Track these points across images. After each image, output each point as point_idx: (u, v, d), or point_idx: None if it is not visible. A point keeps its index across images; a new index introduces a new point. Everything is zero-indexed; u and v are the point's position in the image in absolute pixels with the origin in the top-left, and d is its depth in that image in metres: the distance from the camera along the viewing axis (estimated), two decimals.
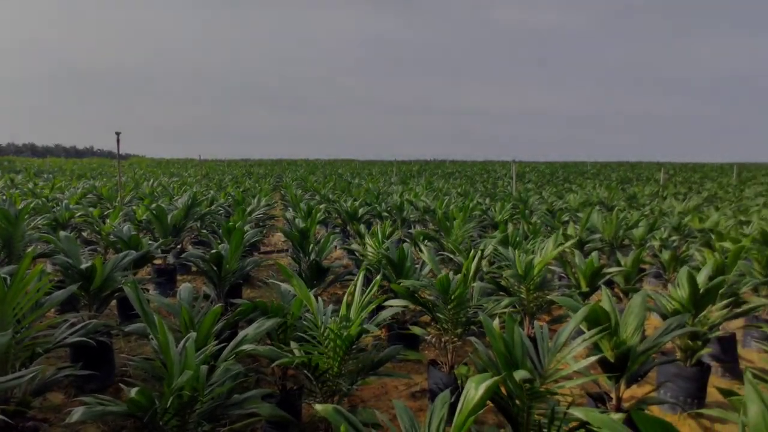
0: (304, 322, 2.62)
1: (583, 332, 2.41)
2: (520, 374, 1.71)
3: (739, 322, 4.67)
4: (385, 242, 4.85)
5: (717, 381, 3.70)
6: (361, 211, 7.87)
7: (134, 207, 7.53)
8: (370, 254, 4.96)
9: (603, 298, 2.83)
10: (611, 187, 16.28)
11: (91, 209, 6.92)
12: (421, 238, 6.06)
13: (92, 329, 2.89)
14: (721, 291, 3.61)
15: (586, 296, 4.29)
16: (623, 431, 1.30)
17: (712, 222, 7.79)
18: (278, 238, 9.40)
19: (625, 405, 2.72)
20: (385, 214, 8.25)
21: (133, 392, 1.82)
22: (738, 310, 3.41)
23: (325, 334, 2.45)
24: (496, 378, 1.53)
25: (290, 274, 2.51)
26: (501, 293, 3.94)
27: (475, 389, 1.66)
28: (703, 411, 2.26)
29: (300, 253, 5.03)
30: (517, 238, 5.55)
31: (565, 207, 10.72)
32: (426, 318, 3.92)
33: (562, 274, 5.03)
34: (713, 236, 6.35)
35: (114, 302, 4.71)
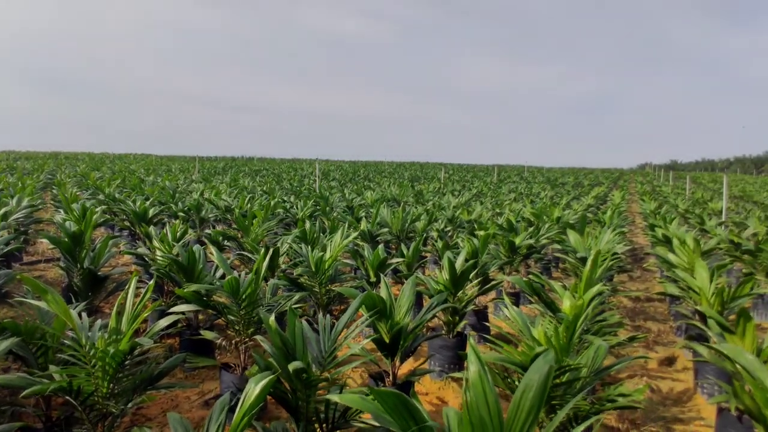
0: (67, 342, 2.28)
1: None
2: (293, 366, 1.76)
3: (492, 295, 5.59)
4: (175, 245, 4.50)
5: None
6: (152, 211, 7.15)
7: None
8: (160, 259, 4.56)
9: (381, 285, 3.10)
10: (403, 185, 17.88)
11: None
12: (220, 238, 5.80)
13: None
14: (475, 271, 4.27)
15: (374, 285, 4.64)
16: (367, 405, 1.44)
17: (476, 214, 9.14)
18: (47, 245, 7.98)
19: (403, 379, 3.03)
20: (182, 214, 7.66)
21: None
22: (487, 286, 4.07)
23: (92, 353, 2.17)
24: (271, 376, 1.55)
25: (43, 289, 2.14)
26: (296, 289, 4.01)
27: (254, 387, 1.65)
28: (455, 375, 2.64)
29: (71, 261, 4.35)
30: (315, 235, 5.71)
31: (363, 203, 11.41)
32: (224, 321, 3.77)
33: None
34: (476, 226, 7.47)
35: None
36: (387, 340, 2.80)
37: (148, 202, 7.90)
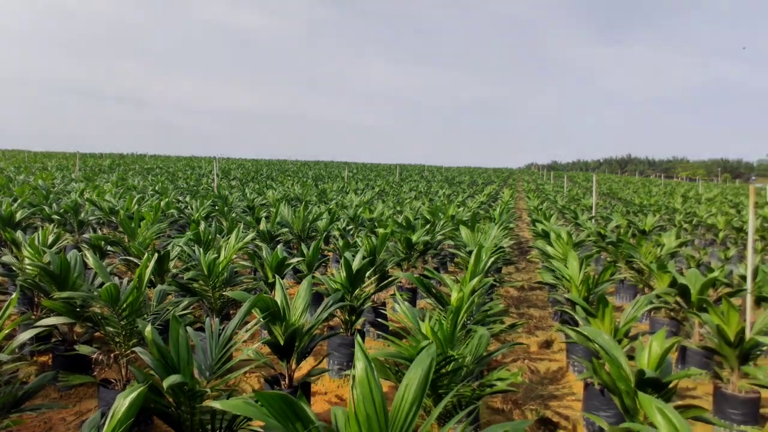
0: None
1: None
2: (170, 380, 1.66)
3: (392, 291, 5.72)
4: (46, 251, 4.03)
5: (372, 343, 4.43)
6: (20, 214, 6.35)
7: None
8: (29, 268, 4.06)
9: (276, 287, 3.02)
10: (306, 184, 17.66)
11: None
12: (102, 242, 5.30)
13: None
14: (373, 269, 4.34)
15: (273, 286, 4.52)
16: (252, 410, 1.40)
17: (378, 212, 9.29)
18: None
19: (300, 381, 2.98)
20: (57, 217, 6.88)
21: None
22: (383, 283, 4.15)
23: None
24: (141, 389, 1.44)
25: None
26: (189, 295, 3.78)
27: (122, 403, 1.52)
28: (352, 372, 2.65)
29: None
30: (210, 236, 5.44)
31: (264, 203, 11.09)
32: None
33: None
34: (377, 224, 7.60)
35: None
36: (282, 343, 2.74)
37: (15, 204, 7.00)
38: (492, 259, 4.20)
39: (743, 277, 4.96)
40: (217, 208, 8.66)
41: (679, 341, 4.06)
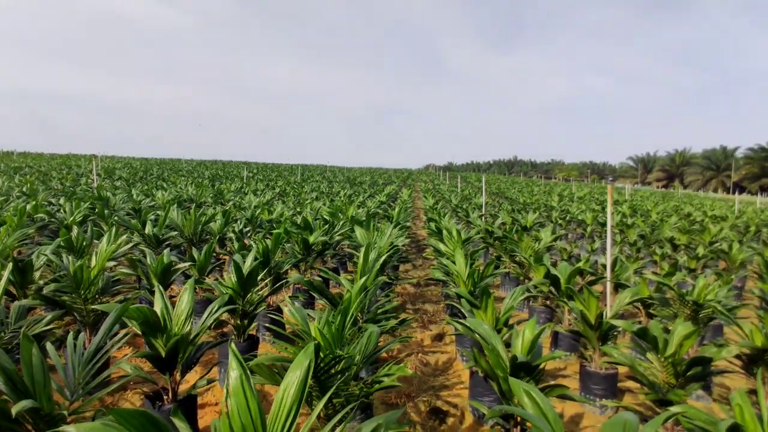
0: None
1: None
2: (19, 406, 1.45)
3: (290, 293, 5.59)
4: None
5: (267, 348, 4.29)
6: None
7: None
8: None
9: (156, 295, 2.80)
10: (201, 184, 16.72)
11: None
12: None
13: None
14: (266, 270, 4.20)
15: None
16: (107, 431, 1.27)
17: (277, 213, 9.06)
18: None
19: (184, 394, 2.79)
20: None
21: None
22: (277, 285, 4.04)
23: None
24: None
25: None
26: (57, 308, 3.38)
27: None
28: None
29: None
30: (84, 242, 4.91)
31: (153, 205, 10.29)
32: None
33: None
34: (275, 225, 7.39)
35: None
36: (163, 354, 2.54)
37: None
38: (384, 257, 4.27)
39: (605, 266, 5.57)
40: (96, 210, 7.86)
41: (551, 327, 4.45)
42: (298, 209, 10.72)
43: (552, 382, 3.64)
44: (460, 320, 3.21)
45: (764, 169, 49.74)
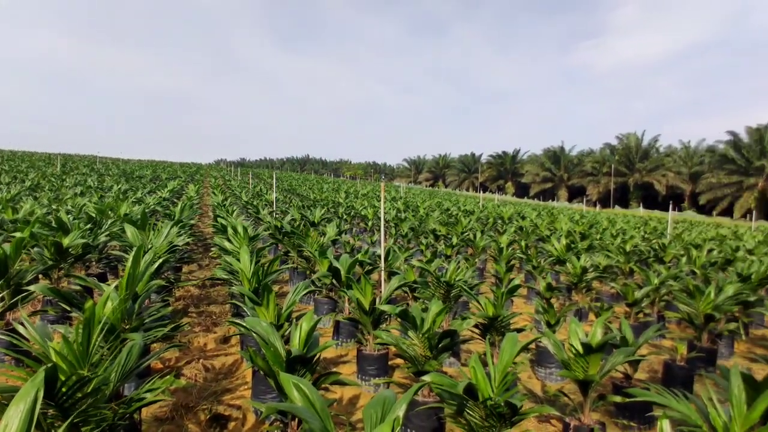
0: None
1: None
2: None
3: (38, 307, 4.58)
4: None
5: (13, 373, 3.45)
6: None
7: None
8: None
9: None
10: None
11: None
12: None
13: None
14: (2, 280, 3.36)
15: None
16: None
17: (24, 212, 7.35)
18: None
19: None
20: None
21: None
22: (17, 298, 3.27)
23: None
24: None
25: None
26: None
27: None
28: None
29: None
30: None
31: None
32: None
33: None
34: (19, 225, 5.97)
35: None
36: None
37: None
38: (162, 258, 3.85)
39: (380, 257, 6.09)
40: None
41: (333, 316, 4.66)
42: (56, 206, 8.91)
43: (332, 370, 3.81)
44: (237, 321, 3.09)
45: (500, 172, 61.74)
